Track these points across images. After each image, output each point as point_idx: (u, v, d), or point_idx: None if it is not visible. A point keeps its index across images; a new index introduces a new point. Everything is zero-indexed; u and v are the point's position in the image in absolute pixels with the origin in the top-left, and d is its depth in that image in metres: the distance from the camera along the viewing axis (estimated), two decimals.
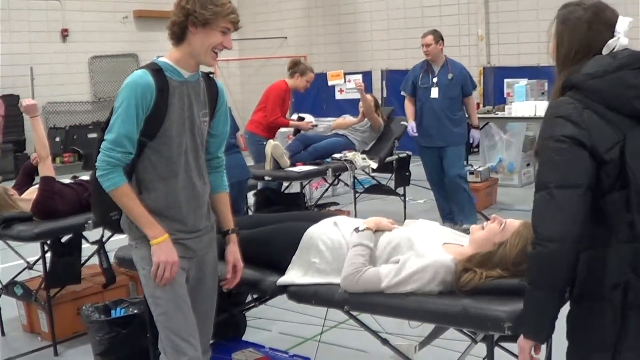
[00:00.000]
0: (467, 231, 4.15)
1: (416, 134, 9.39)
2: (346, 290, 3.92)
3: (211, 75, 4.00)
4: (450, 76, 9.27)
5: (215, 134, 4.00)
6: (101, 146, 3.61)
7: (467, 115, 9.50)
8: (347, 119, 10.30)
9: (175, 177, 3.72)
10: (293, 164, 8.77)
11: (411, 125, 9.44)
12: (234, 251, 4.08)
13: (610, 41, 2.92)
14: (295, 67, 9.97)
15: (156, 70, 3.64)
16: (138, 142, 3.62)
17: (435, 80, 9.28)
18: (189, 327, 3.79)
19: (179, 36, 3.67)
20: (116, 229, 3.95)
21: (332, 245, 4.14)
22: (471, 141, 9.15)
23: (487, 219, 8.79)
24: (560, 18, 3.09)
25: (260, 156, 9.11)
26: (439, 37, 9.27)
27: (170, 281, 3.68)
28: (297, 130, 10.23)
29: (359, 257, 3.94)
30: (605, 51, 2.92)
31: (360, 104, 9.92)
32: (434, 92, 9.23)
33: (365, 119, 9.86)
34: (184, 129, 3.72)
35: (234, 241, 4.11)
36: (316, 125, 10.29)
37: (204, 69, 3.90)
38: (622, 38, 2.93)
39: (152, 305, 3.79)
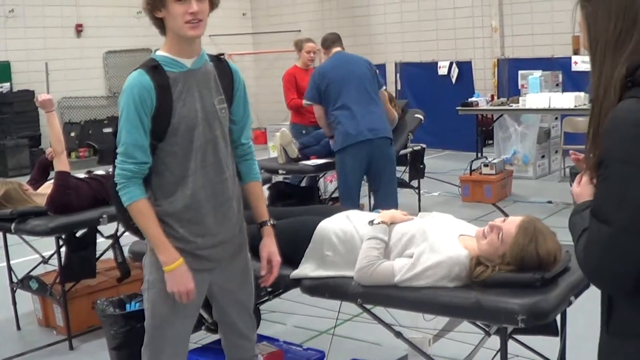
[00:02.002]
0: None
1: None
2: (360, 283, 3.92)
3: (222, 57, 3.72)
4: None
5: (235, 120, 3.73)
6: (116, 160, 3.46)
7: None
8: None
9: (191, 176, 3.50)
10: (307, 157, 8.76)
11: None
12: (268, 244, 3.84)
13: None
14: (295, 46, 10.25)
15: (153, 66, 3.46)
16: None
17: None
18: (175, 349, 3.70)
19: (159, 25, 3.50)
20: (141, 235, 3.69)
21: (344, 238, 4.14)
22: None
23: (503, 212, 8.77)
24: None
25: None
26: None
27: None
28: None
29: (373, 250, 3.93)
30: None
31: None
32: None
33: None
34: (197, 123, 3.47)
35: (269, 234, 3.86)
36: None
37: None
38: None
39: (148, 312, 3.67)
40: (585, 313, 3.90)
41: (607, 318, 2.38)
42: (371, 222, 4.11)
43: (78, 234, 5.98)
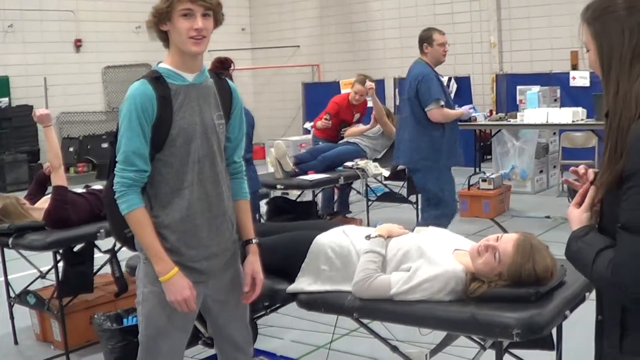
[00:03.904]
0: None
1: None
2: (357, 296, 3.93)
3: (222, 75, 3.79)
4: None
5: (230, 138, 3.76)
6: (115, 168, 3.46)
7: None
8: (360, 127, 10.30)
9: (187, 189, 3.52)
10: (305, 173, 8.77)
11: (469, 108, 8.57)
12: (252, 262, 3.80)
13: None
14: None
15: (155, 77, 3.48)
16: None
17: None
18: (171, 356, 3.71)
19: (163, 38, 3.53)
20: (131, 245, 3.77)
21: (340, 252, 4.15)
22: None
23: (501, 227, 8.74)
24: (594, 15, 2.41)
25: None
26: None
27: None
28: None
29: (371, 263, 3.94)
30: None
31: (373, 112, 9.92)
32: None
33: (378, 126, 9.86)
34: (195, 136, 3.51)
35: (254, 252, 3.84)
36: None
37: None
38: None
39: (142, 324, 3.70)
40: (581, 327, 3.90)
41: (621, 337, 2.36)
42: (368, 236, 4.12)
43: (75, 249, 5.98)
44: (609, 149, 2.32)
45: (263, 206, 9.02)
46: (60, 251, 5.86)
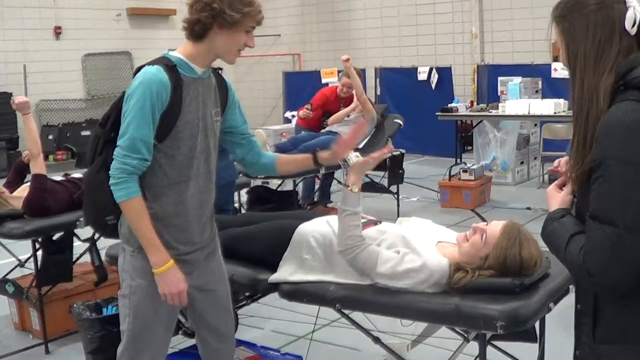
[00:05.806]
0: None
1: None
2: (342, 256, 3.87)
3: (219, 71, 3.77)
4: None
5: (234, 128, 3.86)
6: (114, 153, 3.34)
7: None
8: (342, 111, 10.16)
9: (185, 183, 3.50)
10: None
11: None
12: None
13: (628, 14, 2.33)
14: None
15: (170, 66, 3.38)
16: None
17: None
18: (155, 354, 3.66)
19: (199, 34, 3.41)
20: (110, 233, 3.67)
21: (323, 241, 4.11)
22: None
23: (482, 218, 8.75)
24: (562, 13, 2.50)
25: None
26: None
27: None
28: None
29: (355, 228, 3.86)
30: (628, 26, 2.33)
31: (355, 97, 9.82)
32: None
33: (359, 109, 9.72)
34: (198, 131, 3.47)
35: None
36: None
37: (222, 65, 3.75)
38: (638, 7, 2.36)
39: (129, 317, 3.60)
40: (564, 320, 3.90)
41: (594, 326, 2.40)
42: (345, 163, 4.08)
43: (55, 237, 5.93)
44: (578, 142, 2.37)
45: (244, 195, 8.99)
46: (39, 240, 5.81)
